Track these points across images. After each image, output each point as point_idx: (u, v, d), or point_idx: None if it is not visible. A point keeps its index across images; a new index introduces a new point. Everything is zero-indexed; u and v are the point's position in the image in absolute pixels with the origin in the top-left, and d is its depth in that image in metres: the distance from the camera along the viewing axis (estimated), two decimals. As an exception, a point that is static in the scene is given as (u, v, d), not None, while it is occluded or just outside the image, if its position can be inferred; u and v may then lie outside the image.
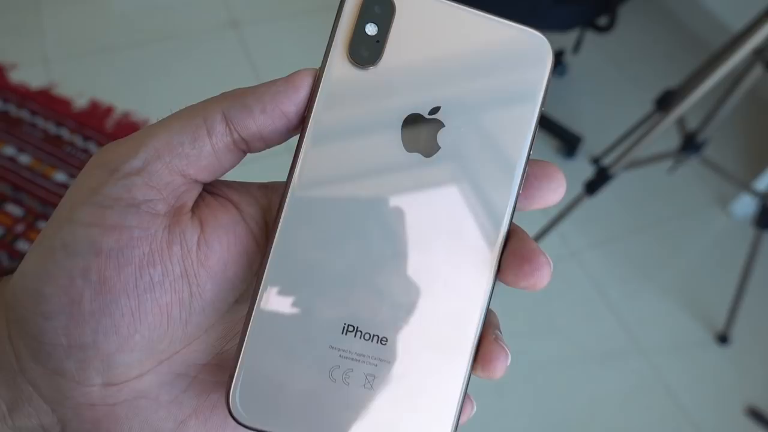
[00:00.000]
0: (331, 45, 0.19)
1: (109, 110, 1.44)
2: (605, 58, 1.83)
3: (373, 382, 0.18)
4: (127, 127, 1.42)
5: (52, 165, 1.33)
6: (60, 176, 1.31)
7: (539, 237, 1.22)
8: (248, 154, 0.20)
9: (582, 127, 1.59)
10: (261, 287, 0.18)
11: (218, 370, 0.20)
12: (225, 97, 0.19)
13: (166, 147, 0.18)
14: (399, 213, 0.18)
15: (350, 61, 0.19)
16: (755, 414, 1.21)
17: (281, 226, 0.18)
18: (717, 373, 1.26)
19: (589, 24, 1.36)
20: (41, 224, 1.24)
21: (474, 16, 0.19)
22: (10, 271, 0.20)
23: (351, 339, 0.18)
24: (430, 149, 0.19)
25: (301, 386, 0.18)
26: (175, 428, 0.19)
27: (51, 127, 1.39)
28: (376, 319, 0.18)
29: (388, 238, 0.18)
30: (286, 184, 0.18)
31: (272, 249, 0.18)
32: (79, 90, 1.46)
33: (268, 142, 0.19)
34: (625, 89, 1.76)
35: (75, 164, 1.34)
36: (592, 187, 1.10)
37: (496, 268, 0.20)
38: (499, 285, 0.21)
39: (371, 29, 0.19)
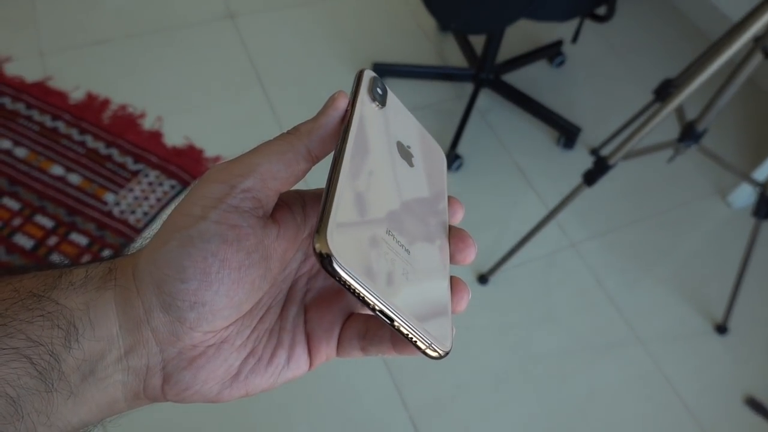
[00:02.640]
0: (358, 90, 0.29)
1: (105, 103, 1.43)
2: (604, 48, 1.82)
3: (407, 276, 0.26)
4: (124, 120, 1.41)
5: (48, 158, 1.32)
6: (57, 169, 1.31)
7: (538, 228, 1.21)
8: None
9: (581, 117, 1.59)
10: (338, 183, 0.25)
11: (265, 323, 0.29)
12: (304, 133, 0.28)
13: (268, 173, 0.26)
14: (404, 187, 0.29)
15: (369, 98, 0.29)
16: (754, 403, 1.21)
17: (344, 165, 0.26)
18: (715, 363, 1.27)
19: (588, 14, 1.35)
20: (38, 218, 1.23)
21: (412, 119, 0.33)
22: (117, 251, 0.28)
23: (392, 240, 0.26)
24: (410, 163, 0.30)
25: (369, 254, 0.25)
26: (240, 363, 0.27)
27: (47, 121, 1.38)
28: (403, 237, 0.27)
29: (401, 198, 0.28)
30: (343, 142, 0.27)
31: (341, 167, 0.26)
32: (75, 83, 1.45)
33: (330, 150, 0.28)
34: (624, 79, 1.75)
35: (71, 157, 1.33)
36: (591, 177, 1.10)
37: (448, 242, 0.30)
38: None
39: (379, 90, 0.30)
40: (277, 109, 1.50)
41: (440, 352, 0.26)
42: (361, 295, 0.24)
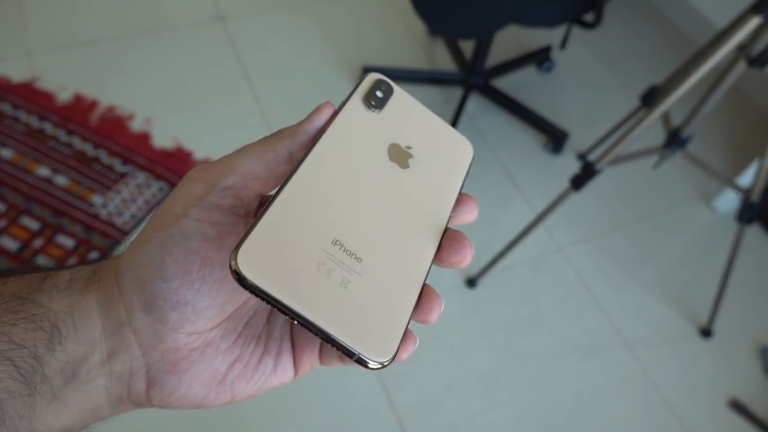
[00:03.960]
0: (352, 94, 0.30)
1: (93, 104, 1.42)
2: (592, 54, 1.84)
3: (347, 285, 0.25)
4: (112, 122, 1.40)
5: (35, 159, 1.31)
6: (43, 171, 1.30)
7: (526, 232, 1.22)
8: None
9: (568, 122, 1.60)
10: (282, 191, 0.25)
11: (252, 329, 0.28)
12: (286, 136, 0.28)
13: (248, 172, 0.26)
14: (381, 191, 0.28)
15: (363, 104, 0.30)
16: (738, 406, 1.23)
17: (301, 169, 0.26)
18: (700, 367, 1.28)
19: (576, 20, 1.37)
20: (24, 220, 1.22)
21: (428, 117, 0.32)
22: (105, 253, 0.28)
23: (337, 250, 0.25)
24: (404, 165, 0.29)
25: (294, 266, 0.24)
26: (226, 369, 0.27)
27: (34, 121, 1.37)
28: (357, 245, 0.26)
29: (372, 203, 0.27)
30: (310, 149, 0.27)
31: (296, 173, 0.26)
32: (62, 84, 1.44)
33: None
34: (611, 85, 1.77)
35: (58, 159, 1.32)
36: (579, 182, 1.11)
37: (436, 246, 0.28)
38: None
39: (379, 93, 0.30)
40: (266, 111, 1.49)
41: (372, 363, 0.24)
42: (278, 307, 0.23)
